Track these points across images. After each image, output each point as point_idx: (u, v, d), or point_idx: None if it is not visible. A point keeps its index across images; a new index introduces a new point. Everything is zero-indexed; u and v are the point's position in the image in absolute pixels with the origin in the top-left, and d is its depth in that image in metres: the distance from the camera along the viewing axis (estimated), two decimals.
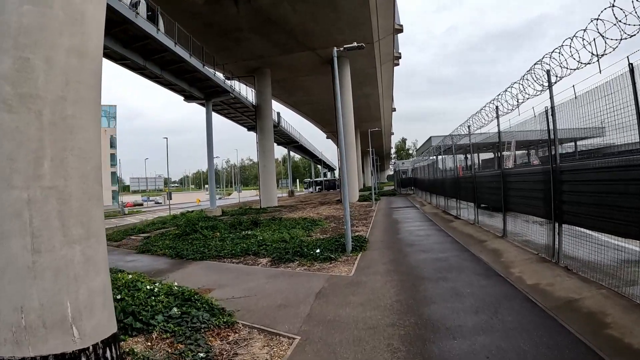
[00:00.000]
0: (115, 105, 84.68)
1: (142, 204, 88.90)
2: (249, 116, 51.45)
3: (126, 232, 27.34)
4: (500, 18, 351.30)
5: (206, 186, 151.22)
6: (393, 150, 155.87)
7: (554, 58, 9.14)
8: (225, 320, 7.64)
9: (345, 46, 16.12)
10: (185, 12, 33.39)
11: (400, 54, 50.69)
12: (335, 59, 16.34)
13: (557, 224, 9.71)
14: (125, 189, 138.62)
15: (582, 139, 12.38)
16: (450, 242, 15.47)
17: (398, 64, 52.40)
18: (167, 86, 38.39)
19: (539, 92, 10.42)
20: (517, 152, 28.53)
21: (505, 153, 22.59)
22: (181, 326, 7.25)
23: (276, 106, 57.59)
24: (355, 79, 48.42)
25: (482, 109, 15.56)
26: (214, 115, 55.09)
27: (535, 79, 10.17)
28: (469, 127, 18.69)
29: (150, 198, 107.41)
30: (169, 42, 29.34)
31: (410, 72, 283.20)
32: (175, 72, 35.23)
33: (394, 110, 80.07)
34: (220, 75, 43.72)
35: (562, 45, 8.57)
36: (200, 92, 41.07)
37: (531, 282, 8.85)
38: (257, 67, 46.37)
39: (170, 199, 57.22)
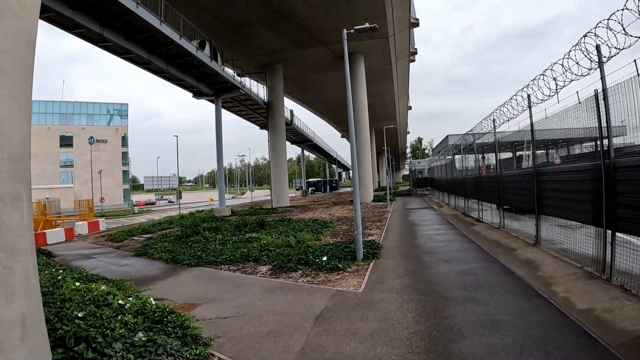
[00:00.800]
0: (127, 104, 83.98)
1: (154, 203, 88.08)
2: (261, 114, 49.94)
3: (130, 233, 26.36)
4: (517, 17, 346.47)
5: None
6: (408, 150, 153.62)
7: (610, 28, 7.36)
8: (198, 351, 6.15)
9: (356, 27, 14.41)
10: (193, 4, 32.03)
11: (416, 49, 48.85)
12: (346, 44, 14.63)
13: (609, 232, 7.95)
14: (139, 187, 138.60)
15: None
16: (474, 249, 13.67)
17: (414, 60, 50.53)
18: (174, 82, 37.03)
19: (586, 73, 8.62)
20: (537, 152, 26.50)
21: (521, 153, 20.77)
22: (143, 358, 5.76)
23: (289, 104, 56.60)
24: (369, 75, 46.72)
25: (511, 98, 13.72)
26: (229, 114, 54.88)
27: (583, 53, 8.35)
28: (493, 120, 16.95)
29: (164, 197, 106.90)
30: (173, 35, 27.84)
31: (426, 72, 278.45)
32: (181, 67, 33.83)
33: (410, 108, 78.08)
34: (230, 71, 42.38)
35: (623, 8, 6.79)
36: (209, 88, 39.69)
37: (583, 306, 7.05)
38: (269, 63, 44.87)
39: (180, 198, 55.86)
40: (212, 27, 35.51)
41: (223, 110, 49.62)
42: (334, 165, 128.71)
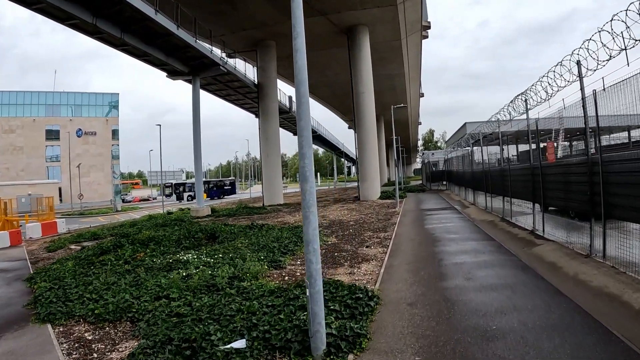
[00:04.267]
0: (118, 94, 76.64)
1: (152, 199, 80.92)
2: (253, 98, 42.54)
3: (79, 237, 21.50)
4: (533, 12, 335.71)
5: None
6: (420, 143, 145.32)
7: None
8: None
9: None
10: None
11: (429, 22, 41.04)
12: None
13: None
14: (144, 182, 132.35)
15: None
16: (584, 324, 6.06)
17: (427, 36, 42.71)
18: (141, 58, 29.98)
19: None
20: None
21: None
22: None
23: (288, 90, 49.85)
24: (376, 55, 39.26)
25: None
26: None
27: None
28: (525, 101, 12.73)
29: (166, 192, 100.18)
30: None
31: (442, 67, 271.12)
32: (142, 36, 26.80)
33: (422, 95, 69.37)
34: (218, 52, 35.47)
35: None
36: (184, 65, 32.52)
37: None
38: (260, 39, 37.65)
39: (170, 195, 49.34)
40: None
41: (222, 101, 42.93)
42: (342, 159, 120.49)
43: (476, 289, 7.89)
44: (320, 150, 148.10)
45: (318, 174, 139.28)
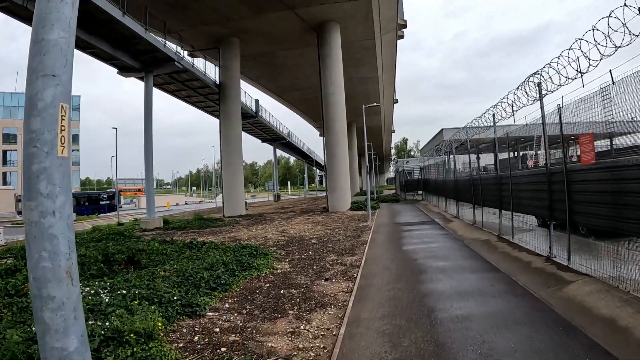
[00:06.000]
0: (79, 96, 71.64)
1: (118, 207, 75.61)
2: (215, 100, 38.58)
3: None
4: (509, 24, 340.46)
5: (194, 188, 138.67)
6: (393, 152, 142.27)
7: None
8: None
9: None
10: None
11: (405, 21, 37.87)
12: None
13: None
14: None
15: None
16: None
17: (402, 36, 39.55)
18: (86, 50, 26.03)
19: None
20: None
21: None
22: None
23: (255, 93, 45.70)
24: (348, 55, 35.97)
25: None
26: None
27: None
28: (538, 84, 9.57)
29: (134, 200, 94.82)
30: None
31: (419, 77, 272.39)
32: (84, 24, 22.83)
33: (396, 101, 65.94)
34: (174, 47, 31.83)
35: None
36: (134, 60, 28.58)
37: None
38: (223, 35, 33.93)
39: (119, 203, 45.07)
40: None
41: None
42: (314, 168, 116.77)
43: None
44: (292, 159, 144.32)
45: (289, 182, 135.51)
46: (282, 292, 8.73)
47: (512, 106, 11.28)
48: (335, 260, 11.77)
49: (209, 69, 36.08)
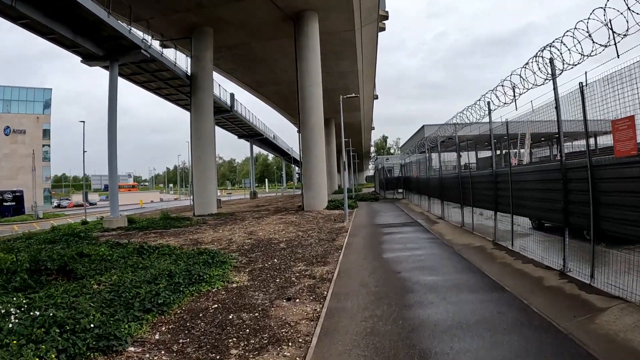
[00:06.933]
0: (51, 89, 68.01)
1: (89, 204, 72.47)
2: (187, 93, 36.16)
3: None
4: (490, 26, 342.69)
5: (171, 185, 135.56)
6: (372, 149, 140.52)
7: None
8: None
9: None
10: None
11: (387, 12, 36.09)
12: None
13: None
14: (88, 187, 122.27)
15: None
16: None
17: (384, 28, 37.76)
18: (46, 36, 23.83)
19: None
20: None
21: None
22: None
23: (231, 87, 43.56)
24: (328, 47, 34.21)
25: None
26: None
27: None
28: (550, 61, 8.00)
29: (108, 197, 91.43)
30: None
31: (401, 76, 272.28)
32: (40, 5, 20.64)
33: (376, 97, 63.87)
34: (145, 36, 29.40)
35: None
36: (98, 47, 26.12)
37: None
38: (196, 24, 31.77)
39: (86, 200, 42.75)
40: None
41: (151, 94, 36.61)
42: (294, 165, 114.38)
43: None
44: (271, 156, 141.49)
45: (266, 180, 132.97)
46: (230, 317, 6.78)
47: (514, 90, 9.44)
48: (303, 272, 9.83)
49: (181, 61, 33.86)
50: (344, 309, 6.92)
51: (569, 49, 7.30)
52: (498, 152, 31.58)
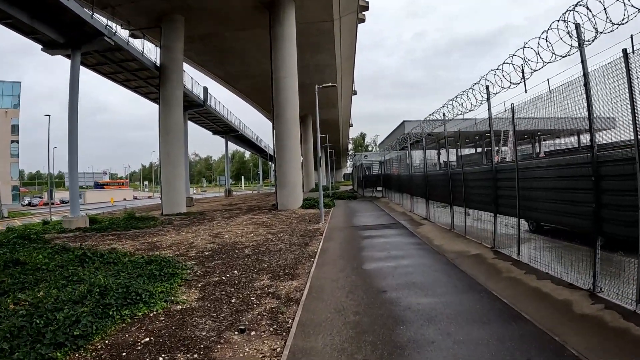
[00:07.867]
0: (20, 82, 64.26)
1: (59, 203, 69.22)
2: (157, 85, 33.93)
3: None
4: (468, 27, 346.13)
5: (146, 182, 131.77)
6: (350, 147, 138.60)
7: None
8: None
9: None
10: None
11: (367, 2, 34.40)
12: None
13: None
14: (61, 184, 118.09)
15: None
16: None
17: (364, 20, 36.12)
18: (2, 21, 21.52)
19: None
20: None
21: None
22: None
23: (204, 80, 41.16)
24: (305, 38, 32.43)
25: None
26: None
27: None
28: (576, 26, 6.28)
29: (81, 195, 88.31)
30: None
31: (379, 75, 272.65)
32: None
33: (355, 93, 61.87)
34: (112, 24, 26.95)
35: None
36: (59, 34, 23.81)
37: None
38: (166, 12, 29.50)
39: (52, 198, 40.03)
40: None
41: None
42: (270, 163, 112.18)
43: None
44: (247, 153, 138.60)
45: (242, 177, 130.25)
46: (161, 359, 4.94)
47: (523, 68, 7.76)
48: (266, 289, 7.98)
49: (150, 51, 31.73)
50: (311, 351, 5.09)
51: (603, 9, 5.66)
52: (492, 147, 30.32)
